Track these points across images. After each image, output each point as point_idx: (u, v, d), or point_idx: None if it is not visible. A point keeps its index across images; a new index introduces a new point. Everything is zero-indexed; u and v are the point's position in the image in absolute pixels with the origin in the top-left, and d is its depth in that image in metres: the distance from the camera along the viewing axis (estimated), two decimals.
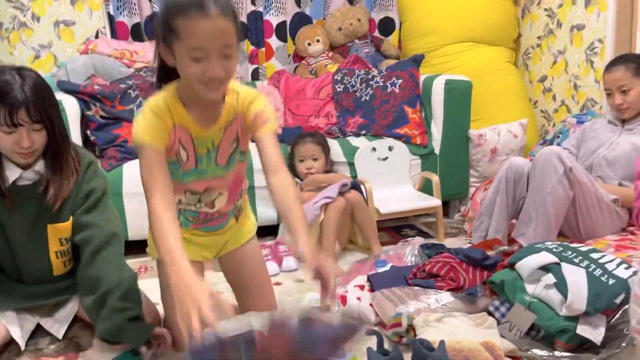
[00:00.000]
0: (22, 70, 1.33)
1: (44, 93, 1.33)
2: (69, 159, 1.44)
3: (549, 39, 3.01)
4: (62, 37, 2.85)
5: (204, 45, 1.12)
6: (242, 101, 1.33)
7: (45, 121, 1.34)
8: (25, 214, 1.42)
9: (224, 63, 1.16)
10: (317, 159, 2.37)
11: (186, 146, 1.33)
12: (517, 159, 2.05)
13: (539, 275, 1.47)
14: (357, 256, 2.25)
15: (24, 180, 1.41)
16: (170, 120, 1.27)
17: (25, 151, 1.34)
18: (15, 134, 1.31)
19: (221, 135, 1.34)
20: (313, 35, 3.14)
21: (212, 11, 1.10)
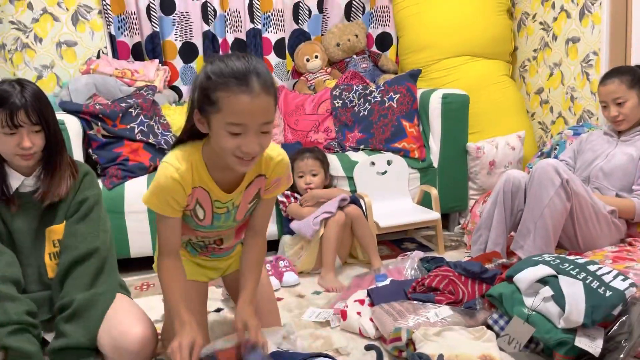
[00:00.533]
0: (21, 80, 1.43)
1: (41, 98, 1.42)
2: (63, 161, 1.50)
3: (545, 51, 3.05)
4: (64, 57, 2.89)
5: (245, 122, 1.11)
6: (267, 164, 1.33)
7: (43, 123, 1.41)
8: (28, 219, 1.48)
9: (261, 139, 1.15)
10: (316, 174, 2.39)
11: (204, 206, 1.34)
12: (514, 172, 2.06)
13: (536, 288, 1.48)
14: (357, 270, 2.26)
15: (26, 188, 1.47)
16: (189, 183, 1.26)
17: (26, 152, 1.40)
18: (16, 135, 1.38)
19: (241, 197, 1.36)
20: (311, 51, 3.18)
21: (255, 87, 1.09)
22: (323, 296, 2.02)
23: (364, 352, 1.53)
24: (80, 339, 1.40)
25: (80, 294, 1.43)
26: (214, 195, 1.32)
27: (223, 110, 1.11)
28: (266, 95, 1.11)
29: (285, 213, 2.39)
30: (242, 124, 1.11)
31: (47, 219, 1.49)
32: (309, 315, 1.83)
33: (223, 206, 1.35)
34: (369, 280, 1.98)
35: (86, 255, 1.47)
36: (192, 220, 1.38)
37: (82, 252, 1.47)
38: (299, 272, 2.22)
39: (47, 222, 1.50)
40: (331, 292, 2.05)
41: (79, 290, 1.44)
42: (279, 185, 1.38)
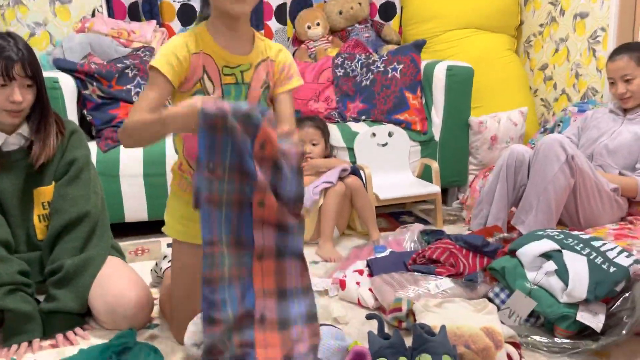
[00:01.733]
0: (11, 34, 1.41)
1: (34, 55, 1.42)
2: (51, 120, 1.48)
3: (552, 26, 2.99)
4: (58, 15, 2.79)
5: None
6: (270, 48, 1.36)
7: (36, 78, 1.40)
8: (14, 179, 1.44)
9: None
10: (317, 143, 2.35)
11: (212, 75, 1.30)
12: (518, 147, 2.03)
13: (540, 263, 1.46)
14: (356, 242, 2.25)
15: (10, 146, 1.44)
16: (194, 45, 1.26)
17: (15, 107, 1.37)
18: (8, 88, 1.36)
19: (252, 73, 1.33)
20: (313, 18, 3.10)
21: None
22: (321, 266, 2.00)
23: (363, 322, 1.52)
24: (69, 303, 1.38)
25: (70, 259, 1.40)
26: (220, 60, 1.29)
27: None
28: None
29: None
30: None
31: (34, 179, 1.46)
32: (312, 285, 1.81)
33: (231, 72, 1.31)
34: (367, 251, 1.97)
35: (77, 219, 1.44)
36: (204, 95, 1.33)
37: (72, 216, 1.44)
38: None
39: (35, 183, 1.47)
40: (329, 262, 2.03)
41: (69, 254, 1.42)
42: (290, 77, 1.37)
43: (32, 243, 1.48)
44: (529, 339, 1.38)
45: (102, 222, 1.51)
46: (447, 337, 1.24)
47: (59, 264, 1.40)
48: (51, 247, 1.44)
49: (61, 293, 1.38)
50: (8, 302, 1.31)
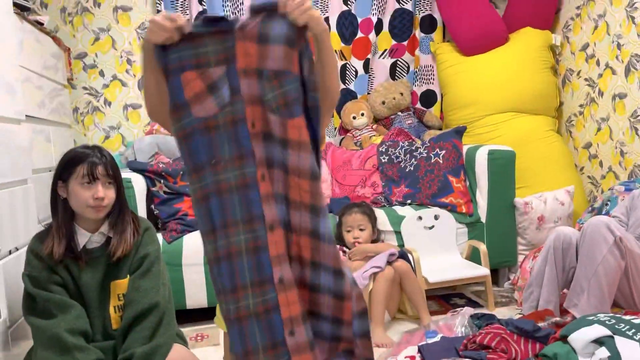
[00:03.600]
0: (98, 146, 1.61)
1: (114, 160, 1.61)
2: (128, 218, 1.63)
3: (591, 107, 3.06)
4: (130, 119, 3.13)
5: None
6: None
7: (116, 179, 1.58)
8: (95, 274, 1.58)
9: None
10: (364, 228, 2.45)
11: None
12: (564, 229, 2.06)
13: (592, 349, 1.46)
14: (407, 326, 2.27)
15: (92, 244, 1.59)
16: None
17: (98, 204, 1.52)
18: (93, 187, 1.52)
19: None
20: (358, 109, 3.31)
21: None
22: (373, 351, 2.03)
23: None
24: None
25: (140, 347, 1.50)
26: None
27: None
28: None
29: None
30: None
31: (112, 273, 1.59)
32: None
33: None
34: (419, 336, 1.99)
35: (148, 309, 1.55)
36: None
37: (144, 306, 1.55)
38: None
39: (112, 277, 1.60)
40: (381, 347, 2.06)
41: (139, 343, 1.51)
42: None
43: (107, 333, 1.61)
44: None
45: (169, 311, 1.63)
46: None
47: (130, 353, 1.51)
48: (124, 335, 1.55)
49: None
50: None
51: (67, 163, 1.53)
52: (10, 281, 1.63)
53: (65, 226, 1.55)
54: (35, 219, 1.95)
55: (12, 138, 1.82)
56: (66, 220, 1.56)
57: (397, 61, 3.46)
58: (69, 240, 1.55)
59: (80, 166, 1.51)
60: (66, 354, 1.43)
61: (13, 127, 1.83)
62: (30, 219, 1.90)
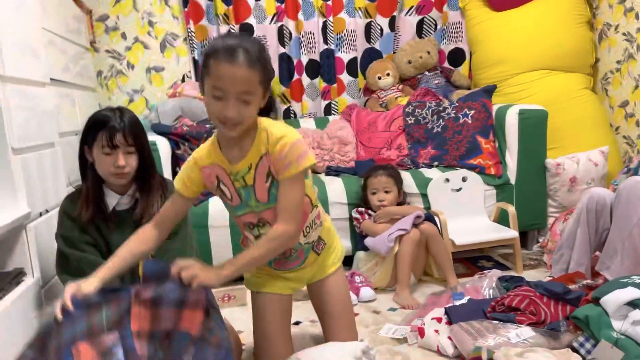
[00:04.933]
0: (121, 108, 1.59)
1: (136, 124, 1.57)
2: (155, 182, 1.63)
3: (629, 63, 2.92)
4: (153, 82, 3.12)
5: (225, 87, 1.25)
6: (269, 140, 1.38)
7: (137, 145, 1.55)
8: (124, 235, 1.55)
9: (241, 107, 1.28)
10: (390, 191, 2.41)
11: (225, 182, 1.44)
12: (599, 190, 1.99)
13: (625, 311, 1.42)
14: (433, 288, 2.26)
15: (122, 206, 1.61)
16: (205, 159, 1.43)
17: (120, 171, 1.53)
18: (113, 155, 1.52)
19: (253, 173, 1.41)
20: (383, 69, 3.22)
21: (239, 59, 1.24)
22: (399, 313, 2.04)
23: None
24: None
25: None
26: (227, 167, 1.41)
27: (210, 74, 1.26)
28: (248, 68, 1.24)
29: (359, 229, 2.43)
30: (223, 89, 1.25)
31: None
32: (385, 331, 1.85)
33: (236, 179, 1.42)
34: (445, 298, 1.98)
35: None
36: (227, 204, 1.49)
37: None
38: (374, 288, 2.25)
39: None
40: (407, 309, 2.06)
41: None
42: (288, 165, 1.35)
43: None
44: None
45: None
46: None
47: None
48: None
49: None
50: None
51: (90, 128, 1.53)
52: (41, 243, 1.67)
53: (94, 189, 1.58)
54: (64, 181, 1.98)
55: (38, 102, 1.82)
56: (95, 183, 1.58)
57: (424, 18, 3.34)
58: (98, 202, 1.58)
59: (101, 133, 1.50)
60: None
61: (38, 90, 1.84)
62: (59, 182, 1.93)
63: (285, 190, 1.38)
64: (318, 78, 3.25)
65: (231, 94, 1.26)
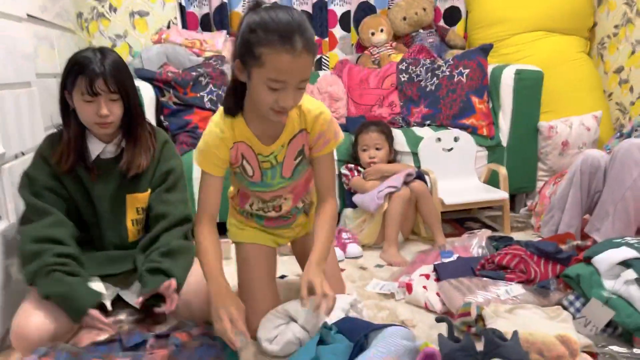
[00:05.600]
0: (103, 49, 1.43)
1: (120, 68, 1.42)
2: (143, 131, 1.51)
3: (627, 28, 2.86)
4: (137, 27, 2.97)
5: (286, 79, 1.14)
6: (306, 118, 1.34)
7: (121, 92, 1.41)
8: (108, 185, 1.50)
9: (297, 94, 1.18)
10: (381, 148, 2.36)
11: (250, 161, 1.37)
12: (593, 152, 1.96)
13: (618, 271, 1.41)
14: (420, 246, 2.24)
15: (106, 154, 1.50)
16: (231, 138, 1.32)
17: (103, 120, 1.40)
18: (94, 103, 1.38)
19: (284, 151, 1.37)
20: (377, 24, 3.12)
21: (298, 47, 1.11)
22: (386, 269, 2.02)
23: (431, 325, 1.52)
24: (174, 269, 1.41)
25: (177, 241, 1.47)
26: (256, 148, 1.35)
27: (266, 65, 1.13)
28: (307, 54, 1.13)
29: (348, 186, 2.38)
30: (283, 81, 1.14)
31: (128, 186, 1.52)
32: (372, 286, 1.83)
33: (266, 159, 1.37)
34: (434, 256, 1.96)
35: (181, 220, 1.50)
36: (244, 177, 1.41)
37: (177, 217, 1.50)
38: (361, 245, 2.22)
39: (129, 189, 1.52)
40: (394, 266, 2.04)
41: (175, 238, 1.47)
42: (327, 142, 1.36)
43: (123, 245, 1.56)
44: (607, 349, 1.33)
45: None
46: (519, 342, 1.22)
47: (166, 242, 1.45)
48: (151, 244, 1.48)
49: (167, 261, 1.42)
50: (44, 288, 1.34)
51: (69, 71, 1.39)
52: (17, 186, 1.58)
53: (76, 137, 1.45)
54: (42, 124, 1.88)
55: (14, 39, 1.71)
56: (77, 131, 1.46)
57: None
58: (81, 150, 1.47)
59: (81, 78, 1.36)
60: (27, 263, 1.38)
61: (14, 25, 1.72)
62: (36, 124, 1.83)
63: (325, 167, 1.38)
64: None
65: (291, 85, 1.16)
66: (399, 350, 1.16)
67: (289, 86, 1.15)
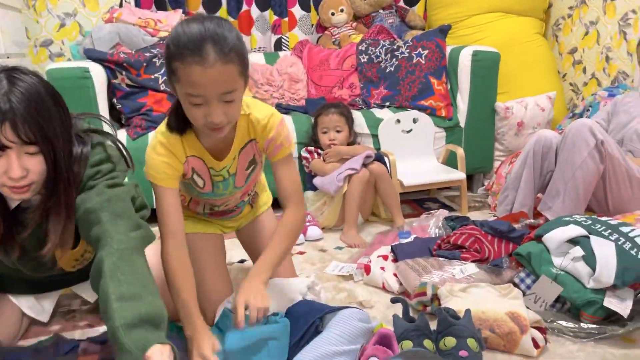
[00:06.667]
0: (14, 72, 0.98)
1: (40, 103, 0.97)
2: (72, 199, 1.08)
3: (581, 9, 2.92)
4: (87, 5, 2.85)
5: (202, 93, 1.07)
6: (255, 128, 1.30)
7: (40, 142, 0.98)
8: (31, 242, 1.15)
9: (227, 108, 1.11)
10: (341, 130, 2.35)
11: (202, 174, 1.33)
12: (546, 132, 2.01)
13: (566, 248, 1.45)
14: (380, 228, 2.26)
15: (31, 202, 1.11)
16: (182, 153, 1.26)
17: (16, 184, 0.99)
18: (3, 159, 0.97)
19: (236, 163, 1.34)
20: (337, 4, 3.09)
21: (210, 58, 1.03)
22: (345, 251, 2.03)
23: (388, 306, 1.54)
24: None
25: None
26: (208, 162, 1.31)
27: (181, 80, 1.07)
28: (223, 64, 1.04)
29: (308, 169, 2.37)
30: (200, 95, 1.08)
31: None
32: (332, 268, 1.83)
33: (218, 174, 1.34)
34: (392, 237, 1.98)
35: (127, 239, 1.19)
36: (193, 189, 1.37)
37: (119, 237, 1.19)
38: (321, 228, 2.22)
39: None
40: (353, 247, 2.05)
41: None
42: (280, 147, 1.31)
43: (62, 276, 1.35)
44: (555, 324, 1.38)
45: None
46: (472, 320, 1.25)
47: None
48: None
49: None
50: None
51: None
52: None
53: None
54: None
55: None
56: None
57: None
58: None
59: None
60: None
61: None
62: None
63: (284, 172, 1.33)
64: (269, 10, 3.07)
65: (212, 98, 1.08)
66: (353, 332, 1.17)
67: (210, 100, 1.08)
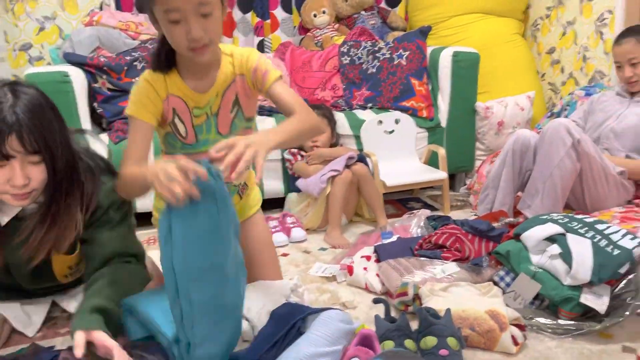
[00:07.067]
0: (17, 86, 1.06)
1: (42, 114, 1.05)
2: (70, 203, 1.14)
3: (559, 9, 2.97)
4: (66, 8, 2.82)
5: (177, 5, 1.10)
6: (238, 63, 1.33)
7: (43, 152, 1.06)
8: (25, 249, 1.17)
9: (203, 22, 1.15)
10: (323, 132, 2.37)
11: (183, 117, 1.33)
12: (524, 132, 2.04)
13: (544, 246, 1.48)
14: (363, 228, 2.28)
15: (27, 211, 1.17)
16: (164, 89, 1.29)
17: (19, 191, 1.07)
18: (6, 168, 1.04)
19: (219, 101, 1.34)
20: (319, 6, 3.10)
21: None
22: (329, 252, 2.04)
23: (371, 306, 1.55)
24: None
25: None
26: (191, 101, 1.32)
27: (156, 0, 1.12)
28: None
29: (291, 171, 2.38)
30: (176, 9, 1.11)
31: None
32: (315, 270, 1.85)
33: (201, 112, 1.33)
34: (375, 237, 1.99)
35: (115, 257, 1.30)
36: (177, 139, 1.37)
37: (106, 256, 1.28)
38: (305, 229, 2.23)
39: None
40: (337, 248, 2.06)
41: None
42: (267, 72, 1.30)
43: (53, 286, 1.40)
44: (534, 321, 1.41)
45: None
46: (452, 319, 1.27)
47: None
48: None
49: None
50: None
51: None
52: None
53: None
54: None
55: None
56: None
57: None
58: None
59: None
60: None
61: None
62: None
63: (281, 92, 1.30)
64: (251, 12, 3.07)
65: (188, 11, 1.11)
66: (335, 333, 1.18)
67: (187, 14, 1.12)
